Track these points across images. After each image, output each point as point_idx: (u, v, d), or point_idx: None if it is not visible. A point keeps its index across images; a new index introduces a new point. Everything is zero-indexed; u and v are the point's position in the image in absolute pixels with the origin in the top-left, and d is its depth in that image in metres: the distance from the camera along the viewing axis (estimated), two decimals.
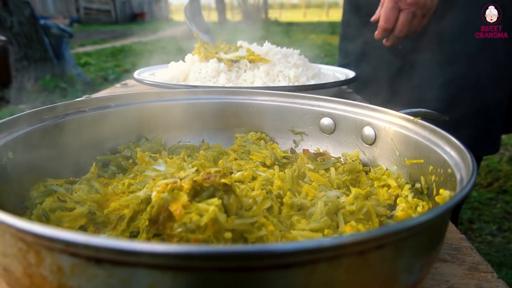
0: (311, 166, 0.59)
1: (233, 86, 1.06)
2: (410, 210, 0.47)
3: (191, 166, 0.57)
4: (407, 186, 0.51)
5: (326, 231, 0.42)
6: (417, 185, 0.51)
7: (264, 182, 0.54)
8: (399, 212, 0.47)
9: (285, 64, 1.16)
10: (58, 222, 0.45)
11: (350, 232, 0.42)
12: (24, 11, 4.92)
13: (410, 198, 0.49)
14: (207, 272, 0.26)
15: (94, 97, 0.65)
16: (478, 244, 1.93)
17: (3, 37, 4.95)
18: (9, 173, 0.47)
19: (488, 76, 1.19)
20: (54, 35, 5.51)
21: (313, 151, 0.64)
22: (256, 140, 0.69)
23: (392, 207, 0.51)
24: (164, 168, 0.58)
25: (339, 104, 0.66)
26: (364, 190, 0.52)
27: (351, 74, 1.22)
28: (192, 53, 1.22)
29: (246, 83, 1.10)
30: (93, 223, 0.47)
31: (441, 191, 0.42)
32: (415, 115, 0.55)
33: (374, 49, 1.34)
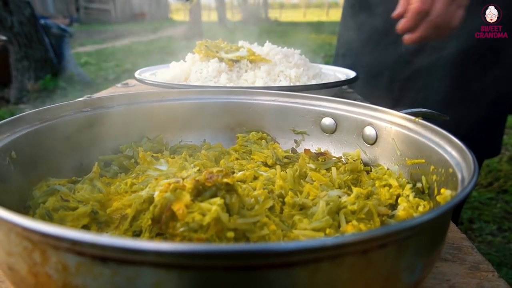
0: (313, 166, 0.60)
1: (235, 86, 1.06)
2: (412, 210, 0.47)
3: (193, 166, 0.58)
4: (408, 186, 0.52)
5: (328, 231, 0.42)
6: (418, 185, 0.51)
7: (266, 182, 0.54)
8: (401, 212, 0.47)
9: (286, 64, 1.17)
10: (61, 221, 0.45)
11: (352, 232, 0.42)
12: (25, 11, 4.91)
13: (412, 198, 0.49)
14: (212, 271, 0.26)
15: (96, 97, 0.65)
16: (478, 244, 1.93)
17: (4, 37, 4.95)
18: (12, 173, 0.47)
19: (489, 77, 1.19)
20: (55, 35, 5.51)
21: (314, 151, 0.64)
22: (258, 140, 0.69)
23: (394, 207, 0.51)
24: (166, 168, 0.58)
25: (340, 104, 0.66)
26: (366, 190, 0.53)
27: (352, 74, 1.22)
28: (194, 51, 1.22)
29: (247, 83, 1.10)
30: (96, 223, 0.47)
31: (442, 191, 0.43)
32: (416, 115, 0.55)
33: (375, 49, 1.34)
